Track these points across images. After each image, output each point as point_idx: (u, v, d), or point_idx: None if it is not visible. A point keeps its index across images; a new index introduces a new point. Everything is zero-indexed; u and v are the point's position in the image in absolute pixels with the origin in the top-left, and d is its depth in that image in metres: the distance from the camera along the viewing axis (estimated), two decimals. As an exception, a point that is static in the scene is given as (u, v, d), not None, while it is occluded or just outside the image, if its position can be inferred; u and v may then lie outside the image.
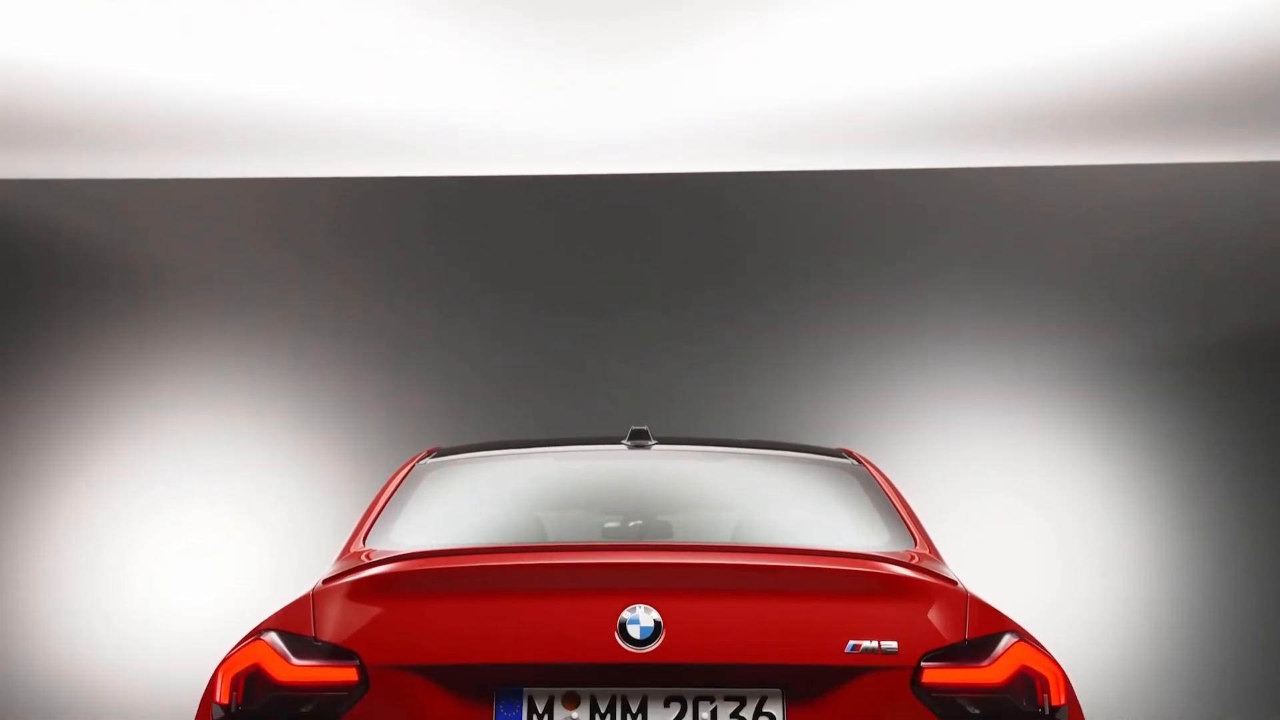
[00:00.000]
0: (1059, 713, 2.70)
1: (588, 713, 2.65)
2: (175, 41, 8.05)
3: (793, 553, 2.91)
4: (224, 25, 7.70)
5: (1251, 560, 12.29)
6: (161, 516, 12.35)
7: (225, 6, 7.42)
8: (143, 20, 7.68)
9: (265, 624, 2.82)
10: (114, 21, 7.68)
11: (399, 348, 12.74)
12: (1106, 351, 12.70)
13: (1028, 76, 9.01)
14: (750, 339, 12.89)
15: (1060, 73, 8.80)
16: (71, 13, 7.56)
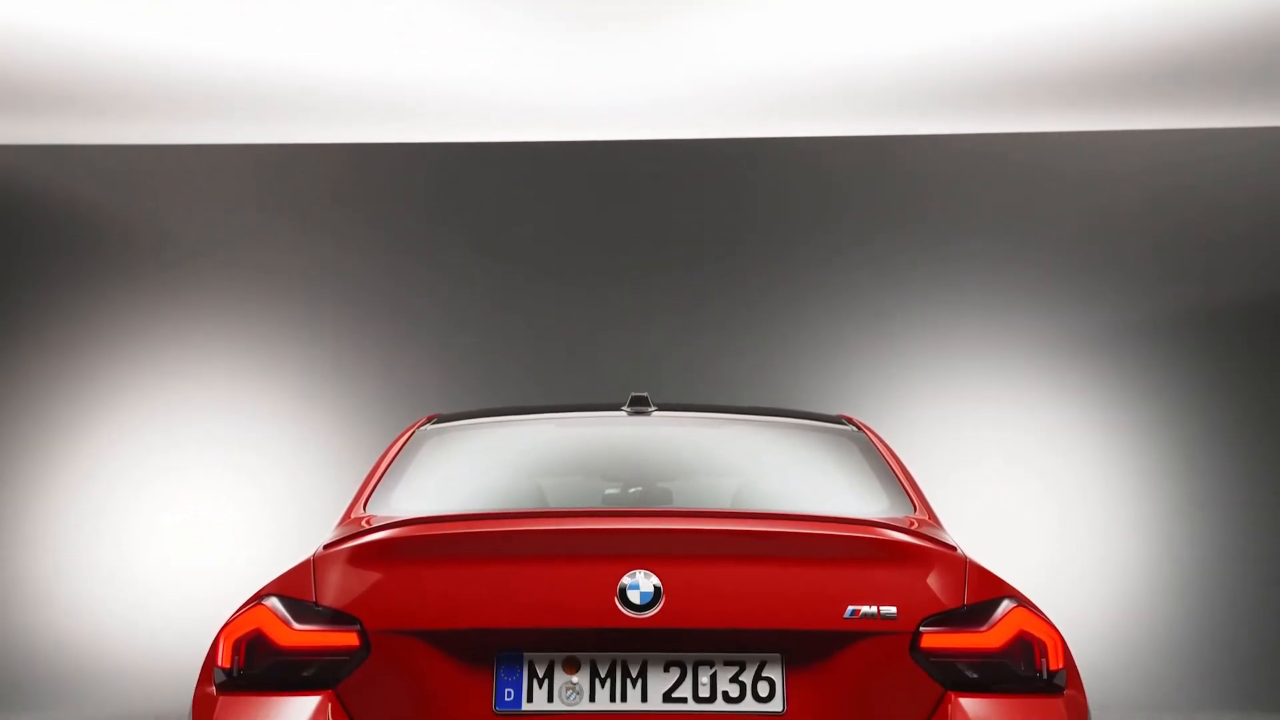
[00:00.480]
0: (1057, 677, 2.71)
1: (587, 677, 2.67)
2: (177, 7, 8.02)
3: (792, 518, 2.91)
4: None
5: (1250, 526, 12.33)
6: (162, 483, 12.38)
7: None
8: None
9: (266, 589, 2.83)
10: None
11: (399, 314, 12.74)
12: (1107, 318, 12.70)
13: (1027, 42, 8.97)
14: (750, 306, 12.88)
15: (1060, 38, 8.76)
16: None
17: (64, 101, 10.87)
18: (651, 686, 2.66)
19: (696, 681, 2.67)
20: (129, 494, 12.32)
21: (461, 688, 2.64)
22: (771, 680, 2.67)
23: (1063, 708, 2.68)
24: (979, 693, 2.66)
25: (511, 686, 2.65)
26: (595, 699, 2.65)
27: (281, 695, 2.65)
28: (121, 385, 12.59)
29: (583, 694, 2.65)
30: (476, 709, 2.63)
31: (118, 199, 12.84)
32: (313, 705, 2.62)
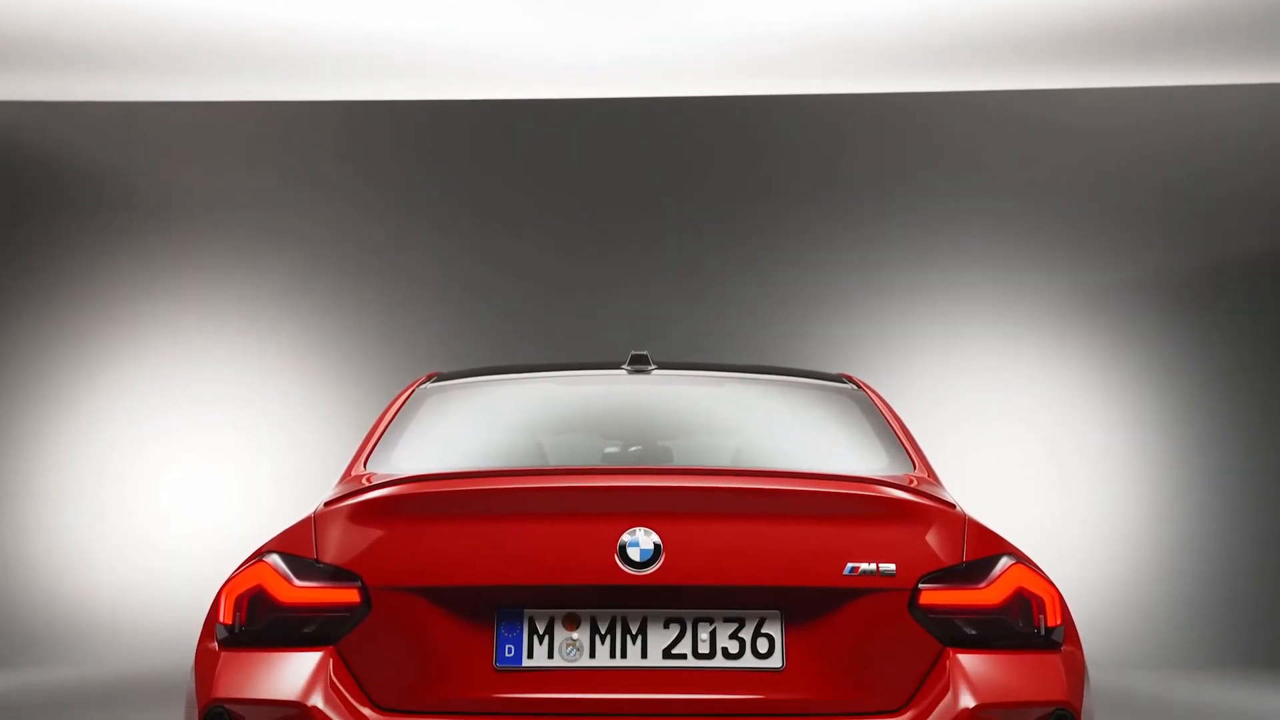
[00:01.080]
0: (1054, 633, 2.72)
1: (588, 634, 2.68)
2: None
3: (792, 476, 2.92)
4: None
5: (1250, 484, 12.36)
6: (162, 442, 12.40)
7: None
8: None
9: (267, 546, 2.84)
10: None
11: (399, 273, 12.72)
12: (1107, 277, 12.68)
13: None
14: (751, 264, 12.86)
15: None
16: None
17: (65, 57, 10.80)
18: (651, 643, 2.67)
19: (696, 638, 2.68)
20: (128, 453, 12.35)
21: (462, 644, 2.65)
22: (771, 637, 2.68)
23: (1060, 664, 2.69)
24: (977, 649, 2.67)
25: (512, 643, 2.66)
26: (595, 655, 2.66)
27: (283, 651, 2.66)
28: (121, 344, 12.59)
29: (583, 650, 2.66)
30: (477, 665, 2.65)
31: (119, 156, 12.79)
32: (314, 661, 2.64)
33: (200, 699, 2.66)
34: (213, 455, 12.39)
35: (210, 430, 12.41)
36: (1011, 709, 2.61)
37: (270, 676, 2.62)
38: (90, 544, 12.07)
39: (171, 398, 12.50)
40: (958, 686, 2.61)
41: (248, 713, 2.61)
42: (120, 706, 8.55)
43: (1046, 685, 2.65)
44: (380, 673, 2.64)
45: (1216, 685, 9.97)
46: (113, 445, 12.39)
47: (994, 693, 2.61)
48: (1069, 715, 2.63)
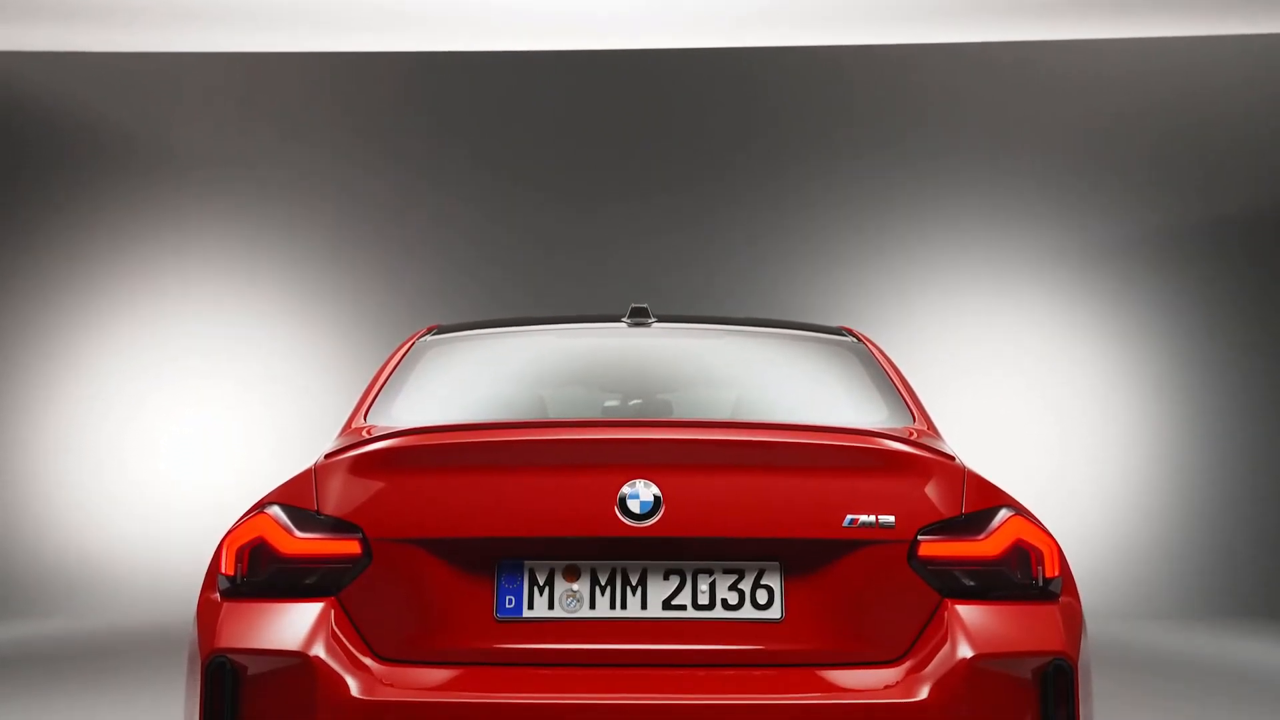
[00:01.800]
0: (1052, 584, 2.73)
1: (588, 585, 2.69)
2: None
3: (791, 429, 2.91)
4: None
5: (1248, 437, 12.39)
6: (162, 395, 12.42)
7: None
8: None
9: (268, 498, 2.85)
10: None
11: (399, 225, 12.70)
12: (1108, 230, 12.66)
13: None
14: (751, 218, 12.83)
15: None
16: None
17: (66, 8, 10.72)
18: (651, 594, 2.68)
19: (695, 589, 2.69)
20: (129, 406, 12.37)
21: (463, 595, 2.66)
22: (770, 588, 2.69)
23: (1058, 615, 2.71)
24: (976, 600, 2.69)
25: (513, 594, 2.68)
26: (595, 606, 2.68)
27: (284, 602, 2.67)
28: (121, 297, 12.58)
29: (583, 601, 2.68)
30: (478, 616, 2.66)
31: (117, 107, 12.73)
32: (315, 612, 2.65)
33: (202, 650, 2.67)
34: (213, 408, 12.40)
35: (210, 383, 12.43)
36: (1009, 659, 2.62)
37: (272, 627, 2.64)
38: (91, 497, 12.11)
39: (171, 350, 12.50)
40: (956, 637, 2.62)
41: (250, 663, 2.62)
42: (123, 658, 8.61)
43: (1044, 636, 2.66)
44: (381, 623, 2.65)
45: (1213, 636, 10.02)
46: (112, 400, 12.40)
47: (992, 643, 2.62)
48: (1066, 665, 2.64)
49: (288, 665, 2.59)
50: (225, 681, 2.61)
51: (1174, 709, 6.92)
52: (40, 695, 6.97)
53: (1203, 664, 8.69)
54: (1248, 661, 8.77)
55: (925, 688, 2.57)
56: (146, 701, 6.68)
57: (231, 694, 2.61)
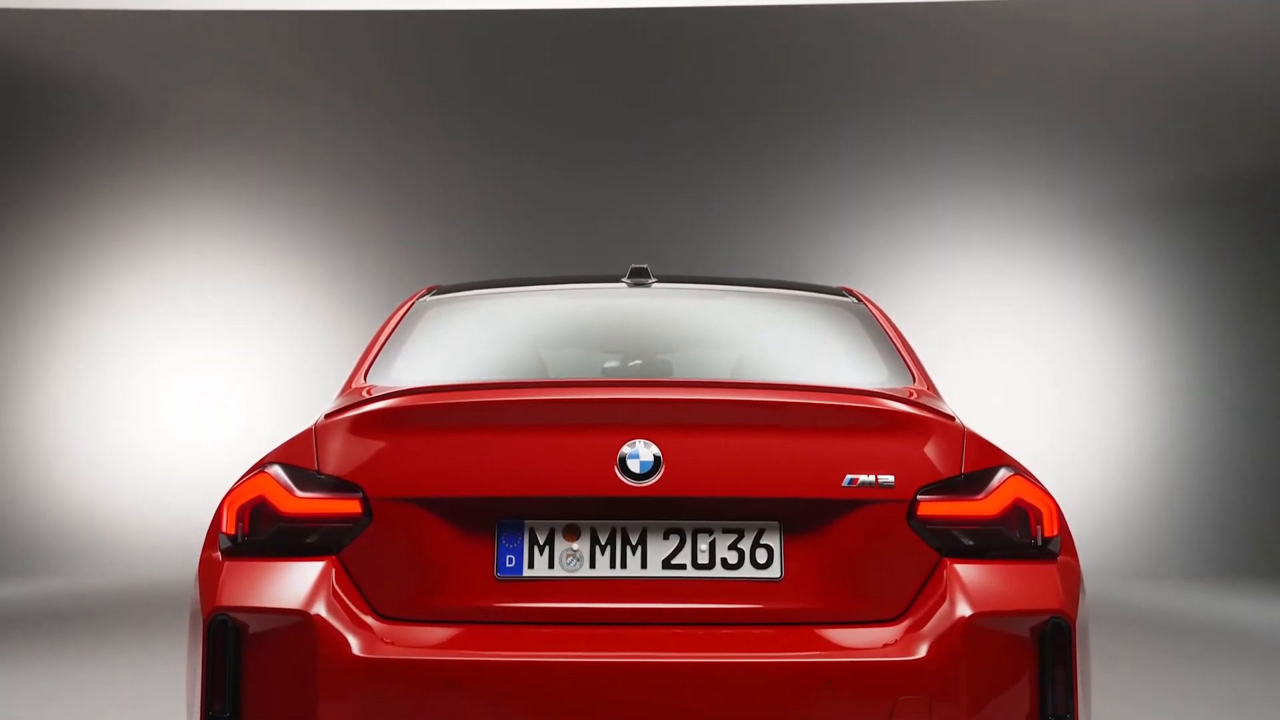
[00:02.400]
0: (1051, 544, 2.74)
1: (588, 545, 2.70)
2: None
3: (791, 388, 2.91)
4: None
5: (1249, 399, 12.40)
6: (162, 355, 12.41)
7: None
8: None
9: (268, 457, 2.85)
10: None
11: (398, 185, 12.66)
12: (1108, 191, 12.62)
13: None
14: (753, 178, 12.79)
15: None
16: None
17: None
18: (651, 554, 2.69)
19: (695, 549, 2.70)
20: (129, 367, 12.37)
21: (463, 554, 2.67)
22: (770, 548, 2.70)
23: (1056, 574, 2.71)
24: (974, 559, 2.69)
25: (513, 553, 2.68)
26: (595, 565, 2.69)
27: (285, 561, 2.68)
28: (121, 257, 12.56)
29: (583, 561, 2.69)
30: (478, 575, 2.67)
31: (118, 66, 12.67)
32: (316, 571, 2.66)
33: (204, 608, 2.68)
34: (212, 369, 12.41)
35: (210, 343, 12.43)
36: (1007, 618, 2.63)
37: (273, 585, 2.65)
38: (91, 458, 12.13)
39: (170, 311, 12.50)
40: (954, 596, 2.63)
41: (251, 621, 2.63)
42: (124, 617, 8.65)
43: (1042, 595, 2.67)
44: (382, 582, 2.66)
45: (1212, 596, 10.06)
46: (112, 361, 12.41)
47: (990, 602, 2.63)
48: (1064, 624, 2.66)
49: (289, 624, 2.60)
50: (227, 639, 2.62)
51: (1173, 667, 6.96)
52: (43, 654, 7.01)
53: (1202, 623, 8.73)
54: (1247, 620, 8.81)
55: (923, 646, 2.58)
56: (149, 660, 6.72)
57: (233, 652, 2.62)
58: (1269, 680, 6.56)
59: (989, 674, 2.59)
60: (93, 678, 6.21)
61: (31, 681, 6.12)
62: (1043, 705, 2.63)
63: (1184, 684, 6.42)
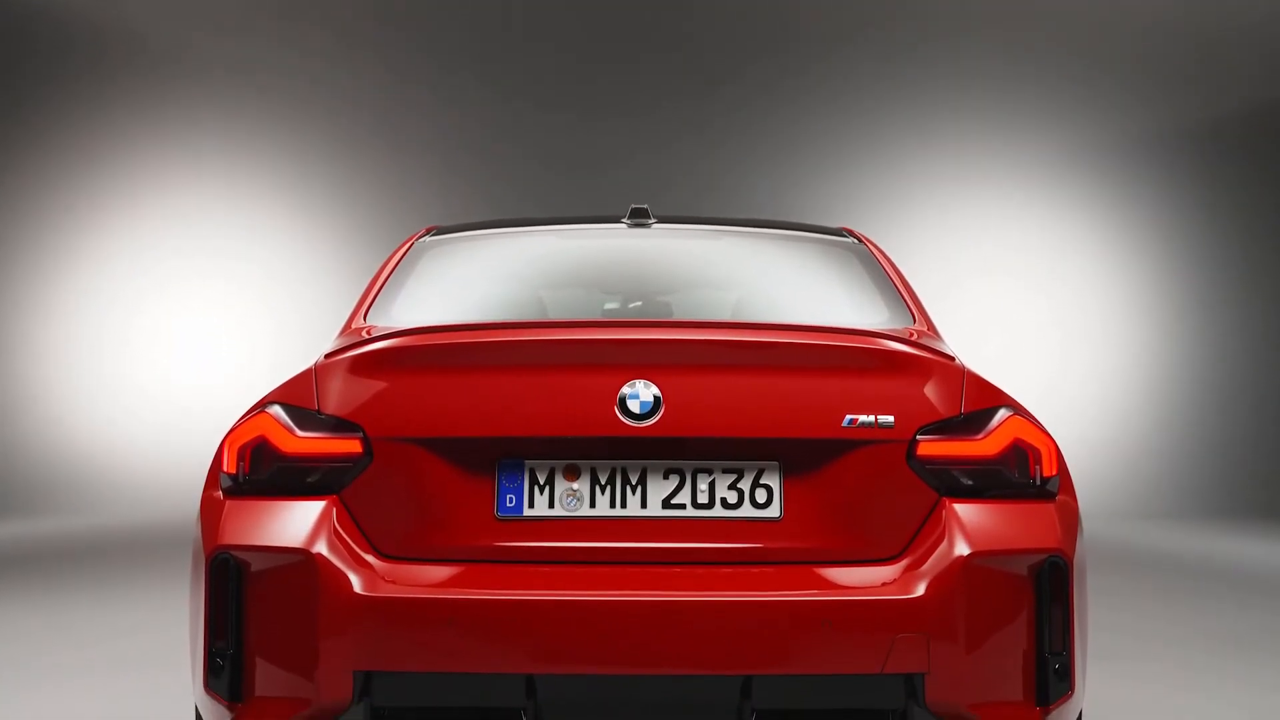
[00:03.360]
0: (1050, 483, 2.74)
1: (588, 484, 2.70)
2: None
3: (791, 329, 2.91)
4: None
5: (1249, 342, 12.40)
6: (163, 296, 12.40)
7: None
8: None
9: (269, 397, 2.85)
10: None
11: (398, 129, 12.60)
12: (1109, 133, 12.56)
13: None
14: (754, 120, 12.72)
15: None
16: None
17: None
18: (651, 493, 2.70)
19: (695, 489, 2.71)
20: (130, 307, 12.37)
21: (464, 494, 2.68)
22: (769, 487, 2.70)
23: (1054, 513, 2.72)
24: (973, 499, 2.70)
25: (513, 493, 2.69)
26: (595, 505, 2.69)
27: (286, 500, 2.69)
28: (121, 199, 12.52)
29: (583, 500, 2.69)
30: (479, 514, 2.68)
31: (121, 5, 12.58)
32: (317, 509, 2.66)
33: (206, 546, 2.69)
34: (213, 309, 12.41)
35: (210, 284, 12.42)
36: (1005, 556, 2.64)
37: (274, 524, 2.65)
38: (93, 397, 12.15)
39: (171, 252, 12.47)
40: (953, 535, 2.64)
41: (253, 559, 2.64)
42: (125, 556, 8.69)
43: (1040, 534, 2.68)
44: (383, 521, 2.67)
45: (1210, 535, 10.11)
46: (113, 301, 12.40)
47: (988, 541, 2.64)
48: (1062, 563, 2.67)
49: (290, 562, 2.61)
50: (229, 578, 2.64)
51: (1172, 604, 7.01)
52: (47, 591, 7.05)
53: (1200, 563, 8.78)
54: (1245, 560, 8.86)
55: (922, 584, 2.59)
56: (152, 598, 6.76)
57: (235, 590, 2.63)
58: (1268, 616, 6.61)
59: (986, 612, 2.60)
60: (96, 615, 6.25)
61: (36, 620, 6.16)
62: (1039, 643, 2.64)
63: (1183, 621, 6.47)
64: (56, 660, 5.25)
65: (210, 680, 2.65)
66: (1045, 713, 2.64)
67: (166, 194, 12.49)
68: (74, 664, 5.15)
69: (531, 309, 3.72)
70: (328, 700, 2.55)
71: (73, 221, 12.42)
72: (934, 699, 2.55)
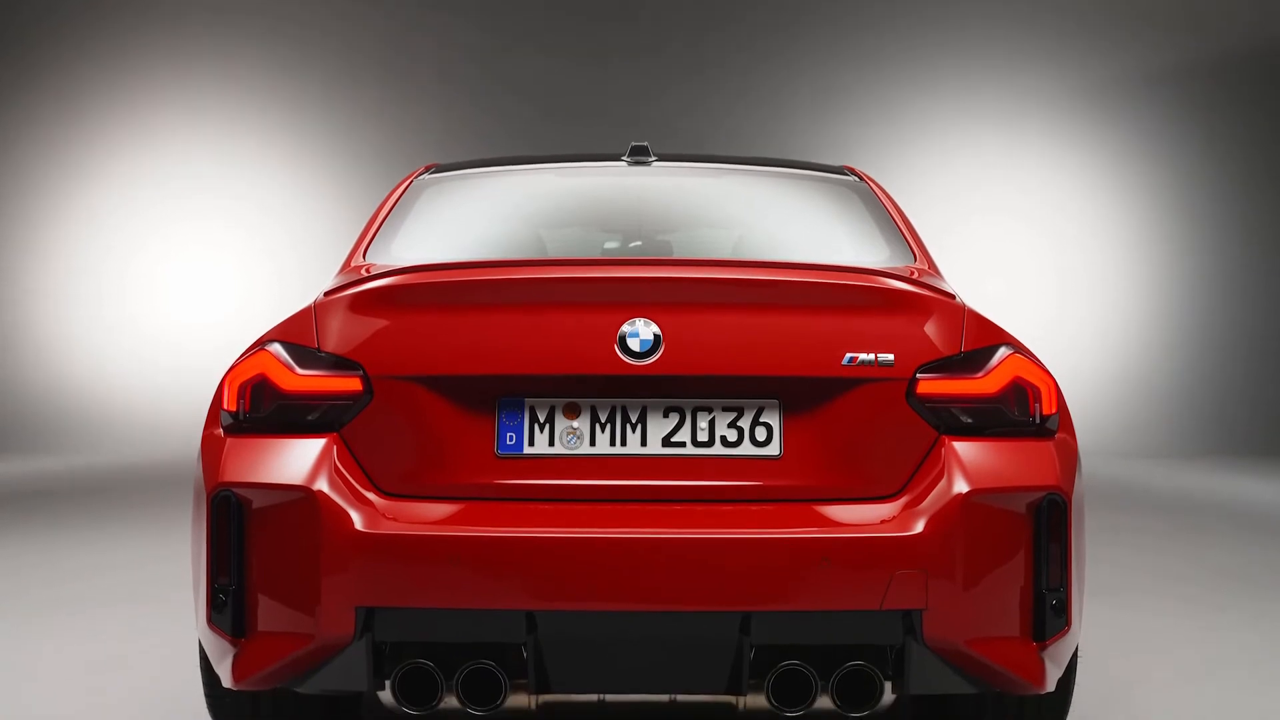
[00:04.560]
0: (1049, 421, 2.75)
1: (588, 422, 2.71)
2: None
3: (792, 267, 2.90)
4: None
5: (1247, 280, 12.38)
6: (160, 235, 12.38)
7: None
8: None
9: (268, 335, 2.84)
10: None
11: (397, 68, 12.52)
12: (1110, 70, 12.48)
13: None
14: (754, 62, 12.63)
15: None
16: None
17: None
18: (650, 431, 2.70)
19: (695, 427, 2.71)
20: (128, 246, 12.34)
21: (464, 432, 2.68)
22: (769, 425, 2.71)
23: (1053, 451, 2.73)
24: (972, 436, 2.70)
25: (513, 431, 2.70)
26: (595, 443, 2.70)
27: (287, 438, 2.69)
28: (120, 137, 12.46)
29: (583, 438, 2.70)
30: (479, 452, 2.68)
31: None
32: (318, 447, 2.67)
33: (207, 484, 2.70)
34: (212, 247, 12.39)
35: (209, 222, 12.39)
36: (1004, 494, 2.65)
37: (275, 461, 2.66)
38: (92, 336, 12.16)
39: (170, 190, 12.44)
40: (952, 473, 2.65)
41: (254, 496, 2.65)
42: (126, 493, 8.73)
43: (1039, 471, 2.68)
44: (383, 459, 2.68)
45: (1208, 473, 10.16)
46: (112, 240, 12.37)
47: (987, 478, 2.64)
48: (1060, 500, 2.67)
49: (292, 499, 2.62)
50: (230, 515, 2.65)
51: (1175, 539, 7.06)
52: (49, 528, 7.09)
53: (1202, 499, 8.83)
54: (1246, 496, 8.91)
55: (920, 522, 2.60)
56: (153, 535, 6.80)
57: (237, 527, 2.64)
58: (1269, 551, 6.66)
59: (985, 549, 2.61)
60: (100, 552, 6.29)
61: (35, 556, 6.20)
62: (1037, 579, 2.66)
63: (1185, 555, 6.52)
64: (55, 594, 5.29)
65: (213, 615, 2.67)
66: (1042, 647, 2.66)
67: (164, 135, 12.43)
68: (70, 598, 5.19)
69: (531, 247, 3.71)
70: (330, 636, 2.57)
71: (70, 162, 12.37)
72: (931, 635, 2.56)
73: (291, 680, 2.65)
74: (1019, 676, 2.65)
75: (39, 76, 12.32)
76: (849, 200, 3.77)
